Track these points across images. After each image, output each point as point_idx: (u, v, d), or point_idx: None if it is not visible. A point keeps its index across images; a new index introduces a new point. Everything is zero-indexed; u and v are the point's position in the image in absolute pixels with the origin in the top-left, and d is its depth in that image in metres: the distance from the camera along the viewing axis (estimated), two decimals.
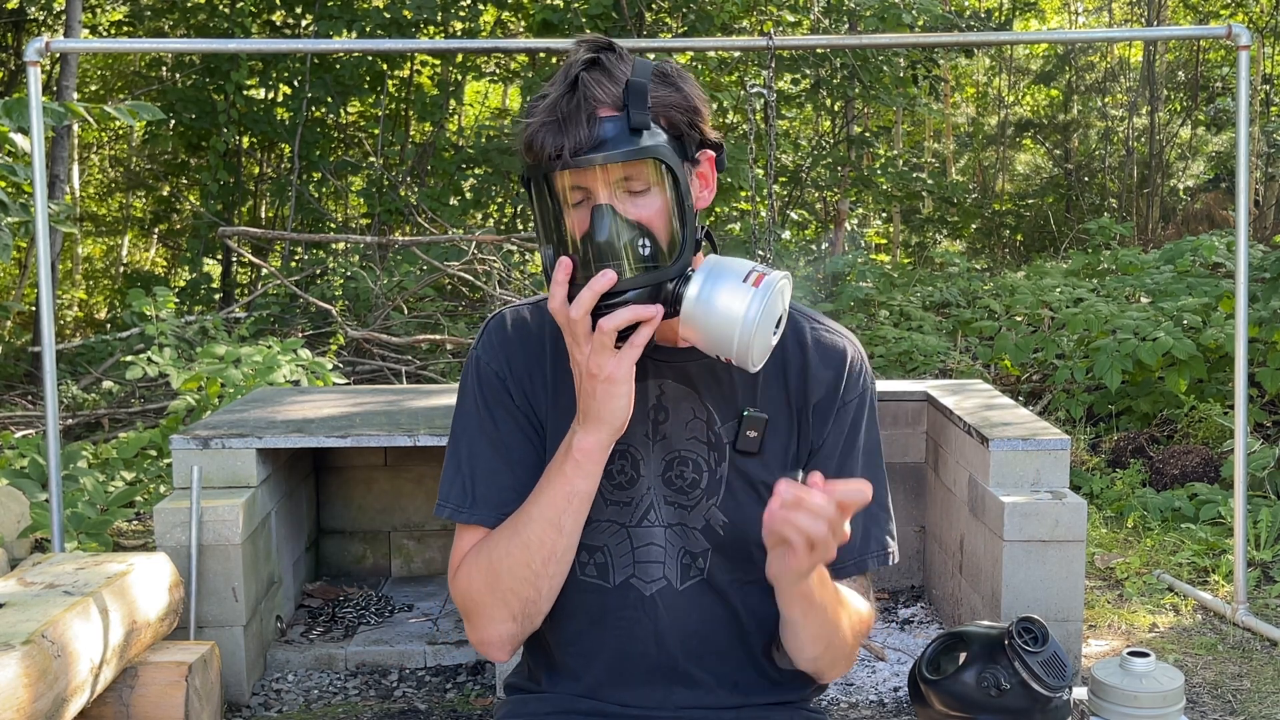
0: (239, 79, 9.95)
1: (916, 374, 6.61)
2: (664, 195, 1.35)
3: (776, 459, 1.48)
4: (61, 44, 3.60)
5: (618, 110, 1.33)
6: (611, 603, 1.48)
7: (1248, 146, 3.58)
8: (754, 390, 1.48)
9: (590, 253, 1.32)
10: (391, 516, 4.11)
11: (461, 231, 8.93)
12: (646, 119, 1.33)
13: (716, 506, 1.46)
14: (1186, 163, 14.56)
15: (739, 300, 1.31)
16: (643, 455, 1.47)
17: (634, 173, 1.34)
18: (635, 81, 1.33)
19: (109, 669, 2.45)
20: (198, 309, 9.29)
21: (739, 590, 1.49)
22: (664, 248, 1.35)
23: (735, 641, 1.51)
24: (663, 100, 1.36)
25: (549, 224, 1.37)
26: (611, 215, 1.32)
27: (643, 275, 1.33)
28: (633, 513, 1.47)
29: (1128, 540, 4.58)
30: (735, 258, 1.36)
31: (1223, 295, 6.20)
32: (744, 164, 9.01)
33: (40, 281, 3.41)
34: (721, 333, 1.32)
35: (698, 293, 1.32)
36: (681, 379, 1.48)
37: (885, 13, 9.62)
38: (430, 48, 9.92)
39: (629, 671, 1.49)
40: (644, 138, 1.33)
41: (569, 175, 1.33)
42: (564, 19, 9.43)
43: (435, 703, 3.19)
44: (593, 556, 1.47)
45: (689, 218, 1.37)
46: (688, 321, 1.34)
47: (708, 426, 1.47)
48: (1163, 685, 2.50)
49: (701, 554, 1.47)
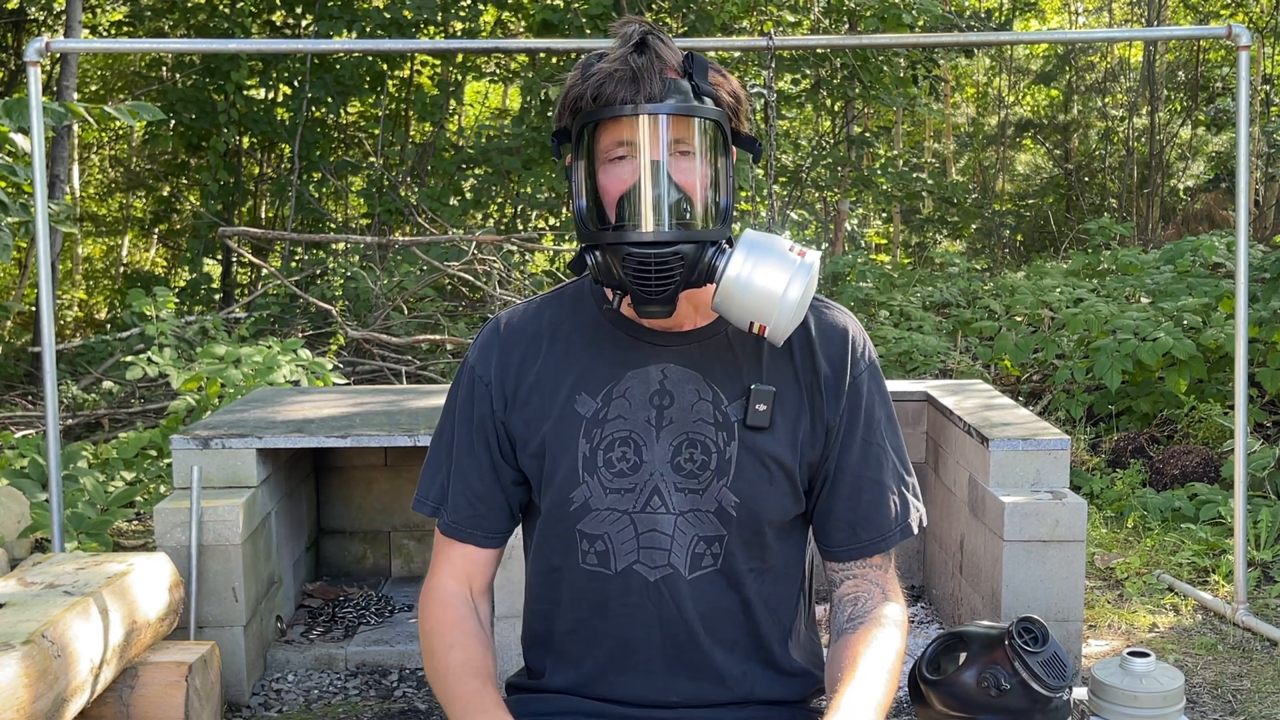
0: (239, 79, 9.95)
1: (916, 374, 6.61)
2: (711, 162, 1.38)
3: (786, 434, 1.47)
4: (61, 44, 3.59)
5: (682, 76, 1.37)
6: (613, 590, 1.47)
7: (1248, 146, 3.58)
8: (759, 367, 1.48)
9: (642, 206, 1.34)
10: (392, 516, 4.11)
11: (461, 232, 8.93)
12: (709, 89, 1.38)
13: (728, 487, 1.45)
14: (1186, 163, 14.56)
15: (781, 276, 1.32)
16: (646, 441, 1.46)
17: (689, 134, 1.36)
18: (698, 56, 1.39)
19: (109, 669, 2.45)
20: (198, 309, 9.29)
21: (754, 579, 1.49)
22: (707, 214, 1.37)
23: (744, 632, 1.50)
24: (716, 82, 1.41)
25: (592, 176, 1.38)
26: (667, 171, 1.34)
27: (689, 232, 1.34)
28: (636, 499, 1.45)
29: (1128, 540, 4.58)
30: (772, 234, 1.38)
31: (1223, 295, 6.20)
32: (744, 164, 9.02)
33: (40, 281, 3.41)
34: (762, 307, 1.33)
35: (740, 266, 1.33)
36: (684, 361, 1.48)
37: (885, 13, 9.62)
38: (430, 48, 9.91)
39: (631, 659, 1.49)
40: (704, 102, 1.37)
41: (629, 124, 1.34)
42: (564, 19, 9.43)
43: (435, 703, 3.19)
44: (593, 545, 1.47)
45: (731, 191, 1.40)
46: (727, 293, 1.34)
47: (714, 406, 1.46)
48: (1163, 685, 2.49)
49: (716, 540, 1.46)
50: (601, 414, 1.46)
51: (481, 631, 1.51)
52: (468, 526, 1.53)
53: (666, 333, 1.48)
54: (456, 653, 1.46)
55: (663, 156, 1.34)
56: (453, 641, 1.48)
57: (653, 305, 1.37)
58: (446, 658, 1.46)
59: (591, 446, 1.46)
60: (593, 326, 1.51)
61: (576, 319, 1.52)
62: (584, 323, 1.52)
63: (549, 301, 1.56)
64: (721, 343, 1.48)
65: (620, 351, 1.49)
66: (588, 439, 1.46)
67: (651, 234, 1.33)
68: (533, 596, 1.57)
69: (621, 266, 1.35)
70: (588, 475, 1.45)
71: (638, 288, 1.35)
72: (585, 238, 1.39)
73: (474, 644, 1.48)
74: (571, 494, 1.46)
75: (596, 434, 1.46)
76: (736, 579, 1.48)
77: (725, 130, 1.39)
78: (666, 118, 1.33)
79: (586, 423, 1.46)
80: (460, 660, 1.45)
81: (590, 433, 1.46)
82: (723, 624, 1.49)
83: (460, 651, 1.46)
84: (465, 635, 1.48)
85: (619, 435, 1.45)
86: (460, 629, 1.49)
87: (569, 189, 1.42)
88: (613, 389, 1.47)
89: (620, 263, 1.34)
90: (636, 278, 1.34)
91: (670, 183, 1.34)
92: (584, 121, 1.36)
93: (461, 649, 1.47)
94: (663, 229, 1.33)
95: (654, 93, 1.33)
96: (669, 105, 1.33)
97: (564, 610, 1.51)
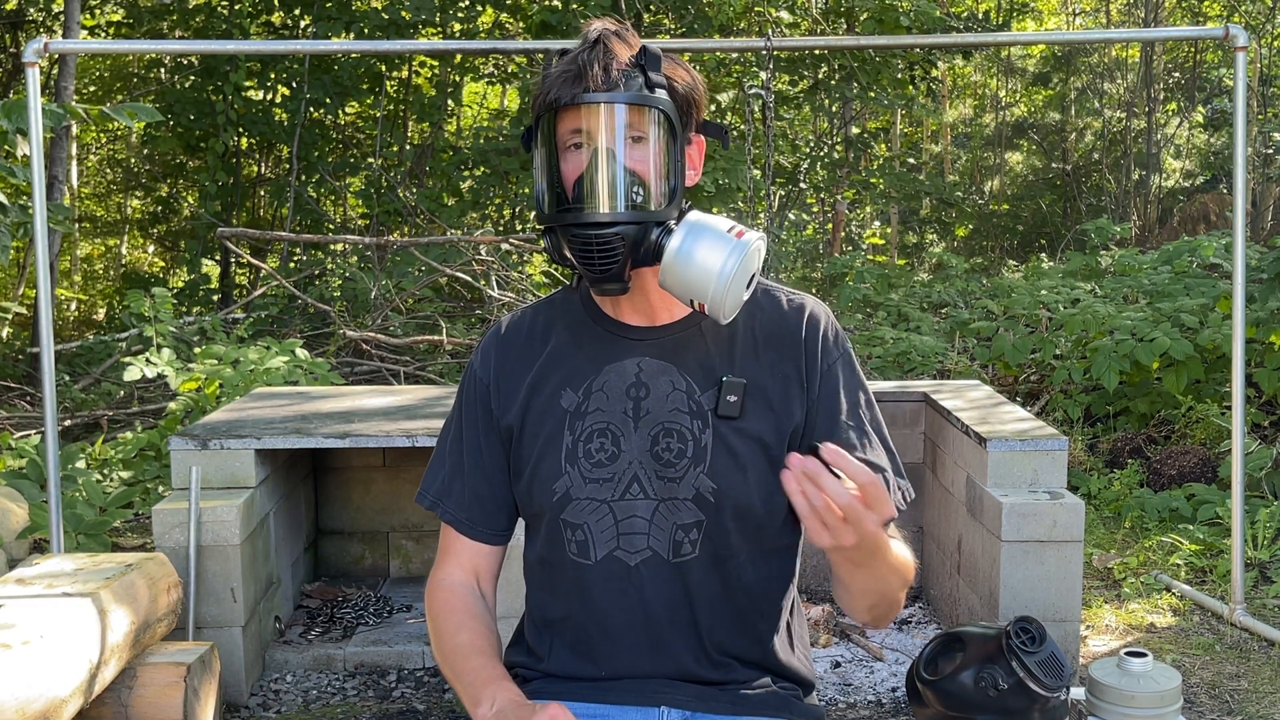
0: (237, 80, 9.94)
1: (914, 375, 6.61)
2: (661, 148, 1.46)
3: (759, 423, 1.52)
4: (60, 45, 3.60)
5: (633, 68, 1.46)
6: (593, 578, 1.52)
7: (1245, 147, 3.59)
8: (731, 358, 1.54)
9: (586, 189, 1.43)
10: (390, 517, 4.12)
11: (460, 232, 8.94)
12: (659, 79, 1.46)
13: (704, 474, 1.50)
14: (1183, 163, 14.57)
15: (718, 253, 1.40)
16: (624, 432, 1.52)
17: (638, 120, 1.44)
18: (652, 50, 1.48)
19: (107, 669, 2.45)
20: (196, 310, 9.28)
21: (735, 566, 1.52)
22: (654, 197, 1.45)
23: (728, 618, 1.53)
24: (671, 73, 1.49)
25: (551, 164, 1.47)
26: (612, 157, 1.43)
27: (632, 213, 1.43)
28: (615, 488, 1.51)
29: (1125, 540, 4.58)
30: (716, 215, 1.45)
31: (1220, 296, 6.20)
32: (741, 165, 9.02)
33: (39, 282, 3.42)
34: (699, 282, 1.40)
35: (679, 243, 1.41)
36: (658, 354, 1.54)
37: (883, 14, 9.62)
38: (428, 49, 9.93)
39: (616, 644, 1.53)
40: (655, 93, 1.45)
41: (577, 113, 1.44)
42: (562, 20, 9.44)
43: (434, 703, 3.19)
44: (574, 534, 1.52)
45: (680, 177, 1.48)
46: (668, 269, 1.42)
47: (688, 396, 1.52)
48: (1160, 685, 2.50)
49: (695, 525, 1.50)
50: (582, 407, 1.53)
51: (488, 616, 1.57)
52: (475, 523, 1.59)
53: (642, 327, 1.56)
54: (464, 634, 1.52)
55: (610, 143, 1.43)
56: (460, 624, 1.53)
57: (603, 283, 1.46)
58: (454, 639, 1.52)
59: (573, 439, 1.52)
60: (577, 325, 1.59)
61: (564, 320, 1.61)
62: (570, 323, 1.60)
63: (542, 306, 1.65)
64: (695, 335, 1.55)
65: (599, 347, 1.56)
66: (571, 431, 1.53)
67: (594, 215, 1.42)
68: (531, 586, 1.63)
69: (569, 246, 1.45)
70: (569, 466, 1.52)
71: (584, 266, 1.45)
72: (540, 220, 1.49)
73: (480, 626, 1.53)
74: (554, 485, 1.52)
75: (579, 426, 1.53)
76: (717, 564, 1.52)
77: (674, 118, 1.46)
78: (611, 106, 1.43)
79: (570, 416, 1.53)
80: (467, 640, 1.51)
81: (573, 425, 1.53)
82: (706, 609, 1.52)
83: (468, 633, 1.52)
84: (472, 619, 1.54)
85: (598, 427, 1.52)
86: (468, 613, 1.55)
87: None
88: (592, 383, 1.54)
89: (568, 243, 1.45)
90: (582, 256, 1.44)
91: (618, 166, 1.43)
92: (540, 112, 1.47)
93: (469, 631, 1.52)
94: (606, 210, 1.42)
95: (601, 84, 1.42)
96: (613, 95, 1.43)
97: (555, 598, 1.57)
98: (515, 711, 1.36)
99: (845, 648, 3.47)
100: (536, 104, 1.47)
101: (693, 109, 1.50)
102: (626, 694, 1.52)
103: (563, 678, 1.56)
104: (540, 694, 1.53)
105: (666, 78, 1.47)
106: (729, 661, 1.54)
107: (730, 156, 9.17)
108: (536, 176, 1.49)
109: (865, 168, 12.56)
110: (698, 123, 1.53)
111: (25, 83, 3.33)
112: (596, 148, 1.42)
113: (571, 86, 1.43)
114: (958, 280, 8.90)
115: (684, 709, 1.52)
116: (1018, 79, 16.36)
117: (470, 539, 1.60)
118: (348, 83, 10.52)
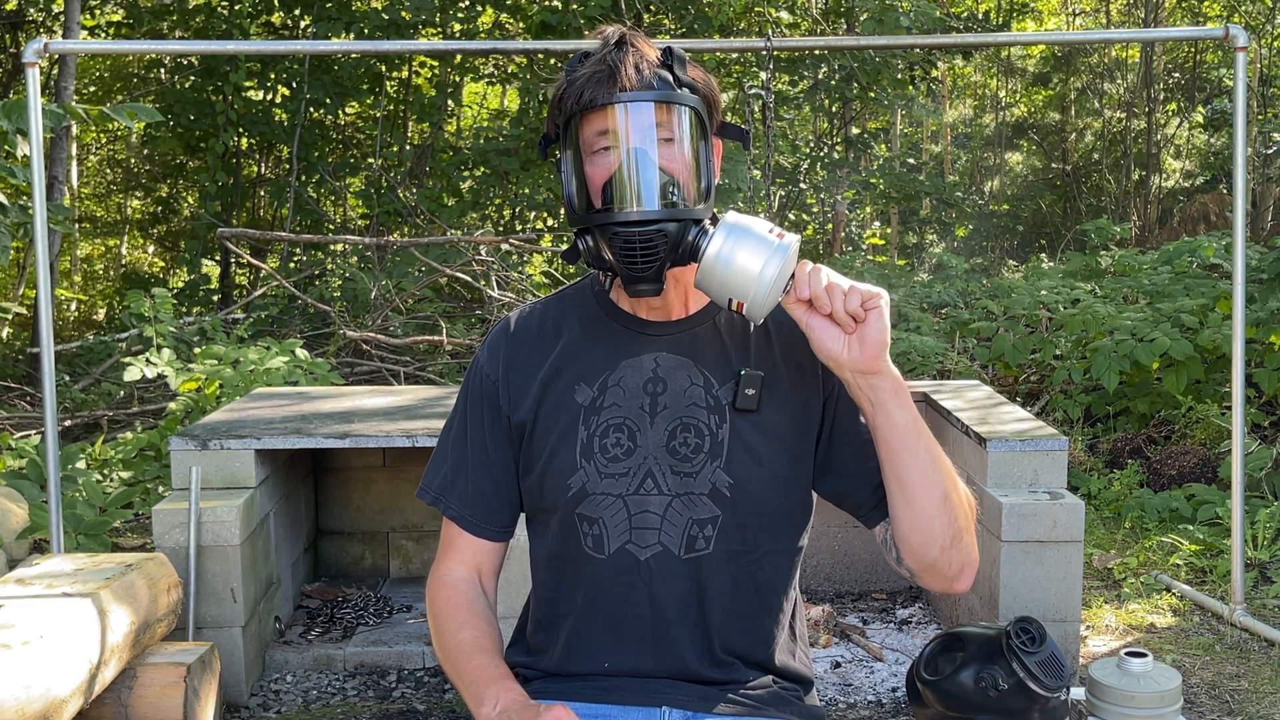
0: (237, 80, 9.94)
1: (914, 375, 6.61)
2: (694, 147, 1.45)
3: (776, 416, 1.52)
4: (60, 45, 3.59)
5: (662, 68, 1.46)
6: (605, 573, 1.52)
7: (1245, 147, 3.58)
8: (747, 351, 1.54)
9: (626, 189, 1.41)
10: (390, 517, 4.12)
11: (460, 233, 8.94)
12: (688, 80, 1.46)
13: (721, 468, 1.50)
14: (1183, 163, 14.57)
15: (760, 256, 1.37)
16: (640, 427, 1.51)
17: (672, 119, 1.44)
18: (677, 50, 1.47)
19: (107, 670, 2.45)
20: (196, 310, 9.28)
21: (747, 563, 1.52)
22: (689, 196, 1.44)
23: (737, 614, 1.53)
24: (693, 74, 1.48)
25: (580, 166, 1.46)
26: (649, 156, 1.42)
27: (672, 210, 1.41)
28: (630, 482, 1.51)
29: (1125, 541, 4.58)
30: (754, 216, 1.44)
31: (1220, 296, 6.20)
32: (741, 165, 9.02)
33: (39, 282, 3.42)
34: (740, 284, 1.38)
35: (720, 244, 1.38)
36: (676, 349, 1.54)
37: (883, 15, 9.62)
38: (428, 49, 9.92)
39: (626, 638, 1.53)
40: (684, 92, 1.45)
41: (612, 114, 1.42)
42: (562, 20, 9.44)
43: (434, 703, 3.19)
44: (590, 529, 1.52)
45: (711, 176, 1.48)
46: (708, 271, 1.39)
47: (706, 391, 1.52)
48: (1160, 685, 2.50)
49: (710, 521, 1.50)
50: (598, 402, 1.53)
51: (489, 613, 1.57)
52: (478, 519, 1.59)
53: (658, 323, 1.55)
54: (467, 631, 1.52)
55: (647, 142, 1.42)
56: (463, 621, 1.53)
57: (641, 284, 1.44)
58: (457, 636, 1.52)
59: (589, 434, 1.52)
60: (591, 321, 1.58)
61: (577, 315, 1.59)
62: (583, 318, 1.59)
63: (552, 301, 1.64)
64: (710, 330, 1.55)
65: (615, 342, 1.55)
66: (586, 426, 1.52)
67: (636, 213, 1.40)
68: (537, 582, 1.62)
69: (609, 246, 1.42)
70: (585, 461, 1.51)
71: (625, 266, 1.43)
72: (575, 221, 1.47)
73: (482, 624, 1.54)
74: (569, 480, 1.51)
75: (594, 421, 1.52)
76: (731, 560, 1.51)
77: (704, 116, 1.46)
78: (647, 106, 1.42)
79: (585, 411, 1.53)
80: (470, 638, 1.51)
81: (589, 420, 1.52)
82: (715, 605, 1.52)
83: (470, 630, 1.52)
84: (474, 615, 1.54)
85: (614, 422, 1.51)
86: (469, 610, 1.55)
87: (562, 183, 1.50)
88: (608, 378, 1.53)
89: (608, 242, 1.42)
90: (624, 256, 1.42)
91: (653, 165, 1.42)
92: (569, 114, 1.44)
93: (471, 628, 1.52)
94: (647, 208, 1.41)
95: (632, 84, 1.41)
96: (646, 94, 1.42)
97: (564, 594, 1.56)
98: (519, 712, 1.36)
99: (845, 648, 3.47)
100: (565, 106, 1.45)
101: (713, 110, 1.51)
102: (628, 694, 1.52)
103: (564, 676, 1.56)
104: (541, 694, 1.53)
105: (693, 78, 1.47)
106: (732, 661, 1.54)
107: (730, 156, 9.16)
108: (566, 179, 1.47)
109: (865, 168, 12.56)
110: (717, 124, 1.52)
111: (25, 83, 3.33)
112: (632, 147, 1.41)
113: (605, 87, 1.41)
114: (958, 280, 8.90)
115: (686, 709, 1.52)
116: (1018, 79, 16.36)
117: (473, 535, 1.60)
118: (348, 83, 10.51)
